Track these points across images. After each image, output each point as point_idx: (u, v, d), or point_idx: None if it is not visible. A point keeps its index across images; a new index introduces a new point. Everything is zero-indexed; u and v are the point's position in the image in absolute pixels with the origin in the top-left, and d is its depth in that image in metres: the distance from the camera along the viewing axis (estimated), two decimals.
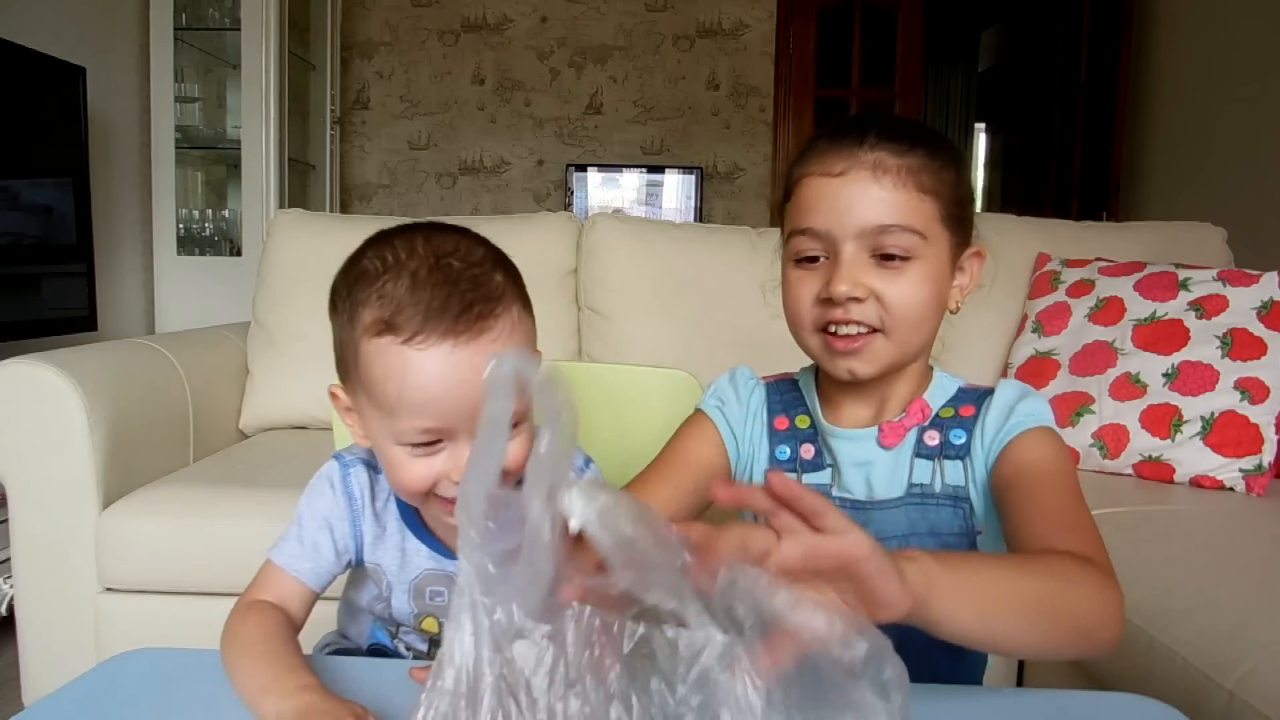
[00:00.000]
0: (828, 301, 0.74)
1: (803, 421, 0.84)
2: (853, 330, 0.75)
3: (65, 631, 1.51)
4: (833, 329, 0.75)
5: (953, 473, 0.78)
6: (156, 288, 3.03)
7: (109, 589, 1.51)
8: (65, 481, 1.48)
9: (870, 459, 0.80)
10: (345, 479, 0.79)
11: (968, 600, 0.55)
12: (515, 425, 0.71)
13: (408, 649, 0.84)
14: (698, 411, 0.89)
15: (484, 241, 0.72)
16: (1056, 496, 0.71)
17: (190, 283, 3.03)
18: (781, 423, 0.84)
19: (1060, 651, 0.62)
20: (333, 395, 0.76)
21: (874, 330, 0.75)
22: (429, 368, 0.66)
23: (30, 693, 1.53)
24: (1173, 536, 1.38)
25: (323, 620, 0.86)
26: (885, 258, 0.73)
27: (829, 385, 0.83)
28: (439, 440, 0.69)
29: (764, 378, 0.90)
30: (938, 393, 0.82)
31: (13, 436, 1.48)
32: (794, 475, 0.81)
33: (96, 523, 1.48)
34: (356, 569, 0.82)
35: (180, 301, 3.01)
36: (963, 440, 0.78)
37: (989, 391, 0.81)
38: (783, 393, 0.87)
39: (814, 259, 0.76)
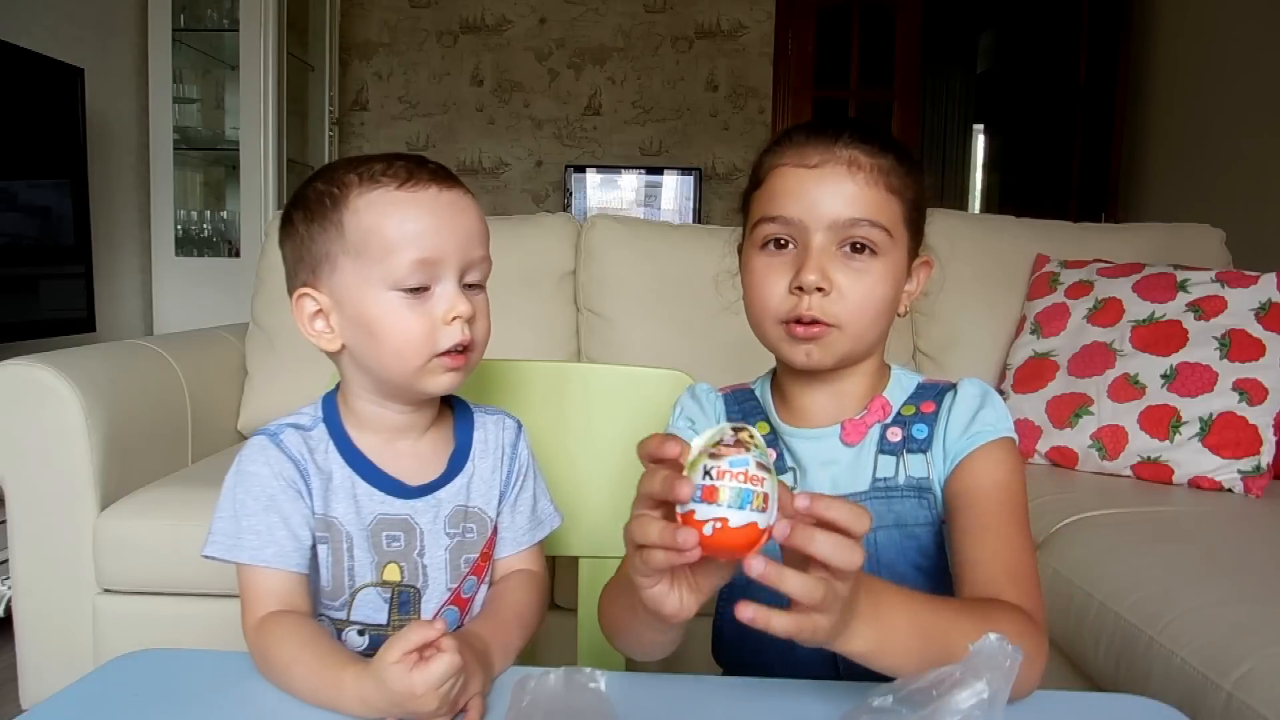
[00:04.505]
0: (799, 291, 0.76)
1: (762, 429, 0.84)
2: (814, 325, 0.76)
3: (63, 632, 1.51)
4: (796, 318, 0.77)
5: (916, 466, 0.80)
6: (155, 289, 3.03)
7: (107, 590, 1.51)
8: (63, 482, 1.47)
9: (834, 458, 0.81)
10: (280, 445, 0.78)
11: (892, 659, 0.59)
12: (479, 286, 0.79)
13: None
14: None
15: None
16: (1004, 535, 0.73)
17: (188, 284, 3.03)
18: None
19: None
20: (301, 299, 0.80)
21: (833, 325, 0.76)
22: (420, 203, 0.75)
23: (29, 694, 1.53)
24: (1171, 538, 1.38)
25: None
26: (854, 249, 0.76)
27: (789, 387, 0.84)
28: (428, 287, 0.75)
29: (721, 389, 0.90)
30: (897, 390, 0.83)
31: (11, 437, 1.48)
32: None
33: (95, 524, 1.48)
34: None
35: (178, 303, 3.00)
36: (925, 435, 0.80)
37: (949, 387, 0.82)
38: (740, 402, 0.88)
39: (782, 244, 0.77)
